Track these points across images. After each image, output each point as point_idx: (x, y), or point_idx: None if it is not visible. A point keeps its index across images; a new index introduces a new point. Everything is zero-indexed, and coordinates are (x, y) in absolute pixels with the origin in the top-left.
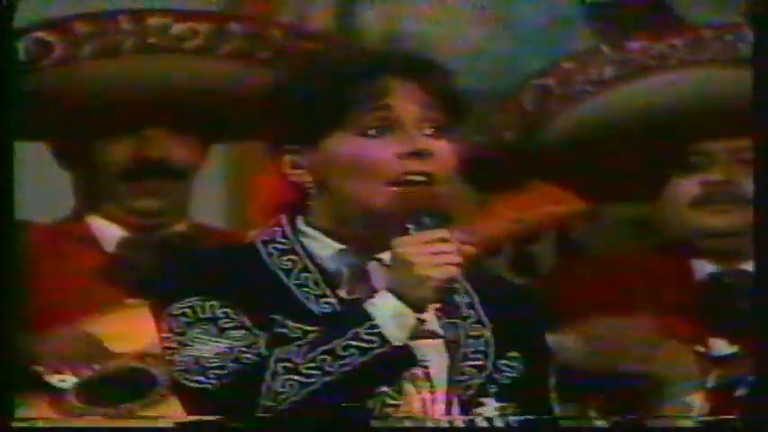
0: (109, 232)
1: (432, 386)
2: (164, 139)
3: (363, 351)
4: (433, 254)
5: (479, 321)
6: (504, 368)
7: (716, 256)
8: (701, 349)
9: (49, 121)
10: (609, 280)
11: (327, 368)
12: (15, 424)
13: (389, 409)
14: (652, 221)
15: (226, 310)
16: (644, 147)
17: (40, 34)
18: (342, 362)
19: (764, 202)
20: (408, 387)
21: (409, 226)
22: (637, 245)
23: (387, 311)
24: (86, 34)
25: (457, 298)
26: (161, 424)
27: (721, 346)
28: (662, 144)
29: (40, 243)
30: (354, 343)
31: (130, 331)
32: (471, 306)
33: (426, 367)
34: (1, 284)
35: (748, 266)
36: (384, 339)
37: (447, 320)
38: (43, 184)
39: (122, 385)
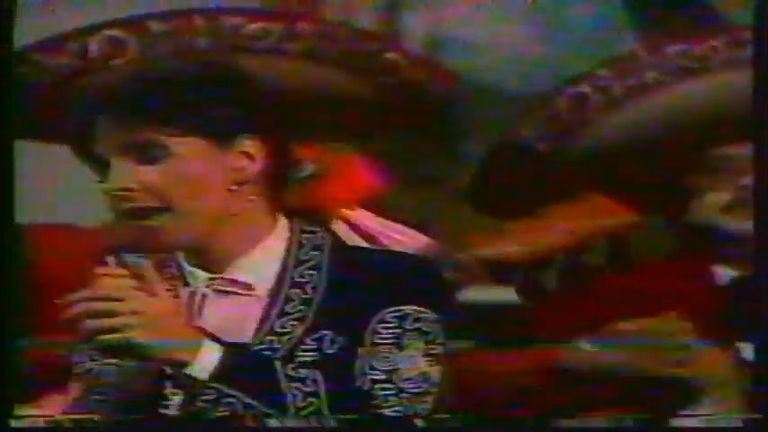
0: None
1: None
2: None
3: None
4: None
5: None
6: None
7: (737, 261)
8: (734, 352)
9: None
10: (637, 290)
11: None
12: (15, 423)
13: None
14: (678, 230)
15: None
16: (674, 154)
17: (114, 32)
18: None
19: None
20: None
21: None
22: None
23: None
24: (161, 33)
25: None
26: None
27: (747, 350)
28: (689, 151)
29: (42, 244)
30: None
31: None
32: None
33: None
34: (1, 286)
35: None
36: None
37: None
38: (45, 185)
39: None
